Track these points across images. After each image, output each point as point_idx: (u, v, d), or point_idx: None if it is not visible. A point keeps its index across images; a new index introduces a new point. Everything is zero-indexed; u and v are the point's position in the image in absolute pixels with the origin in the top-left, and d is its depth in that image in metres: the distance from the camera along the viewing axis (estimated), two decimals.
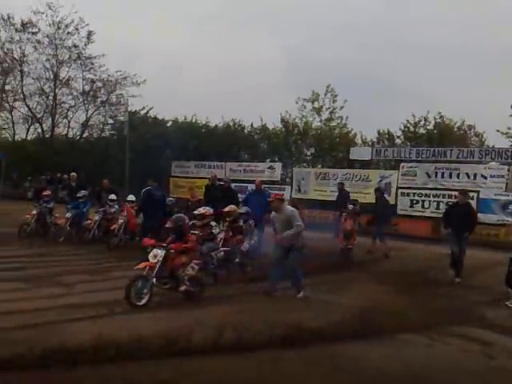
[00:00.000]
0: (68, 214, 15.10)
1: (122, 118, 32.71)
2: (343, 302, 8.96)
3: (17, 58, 33.58)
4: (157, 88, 44.42)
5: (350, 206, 13.81)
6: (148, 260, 8.30)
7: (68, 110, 34.87)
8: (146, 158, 27.52)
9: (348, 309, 8.46)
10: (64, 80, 34.02)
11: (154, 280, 8.13)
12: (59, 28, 32.98)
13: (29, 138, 36.28)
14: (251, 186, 19.92)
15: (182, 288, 8.44)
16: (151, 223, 12.91)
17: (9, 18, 32.54)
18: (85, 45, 33.25)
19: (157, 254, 8.30)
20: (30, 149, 34.32)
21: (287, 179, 26.66)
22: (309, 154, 29.22)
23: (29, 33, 32.92)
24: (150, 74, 55.85)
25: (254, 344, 6.37)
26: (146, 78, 33.46)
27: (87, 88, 34.18)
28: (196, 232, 9.79)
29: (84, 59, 33.47)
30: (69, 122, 35.23)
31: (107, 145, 32.46)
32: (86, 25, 32.78)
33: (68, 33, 33.10)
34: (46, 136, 35.15)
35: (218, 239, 10.94)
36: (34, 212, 15.27)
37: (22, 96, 34.29)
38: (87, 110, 34.69)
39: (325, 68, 44.10)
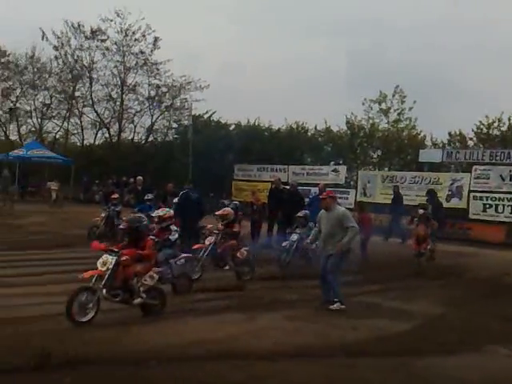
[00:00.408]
0: None
1: (185, 122, 33.44)
2: (414, 310, 8.74)
3: (86, 64, 35.11)
4: (219, 91, 44.97)
5: (421, 211, 13.45)
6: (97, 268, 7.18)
7: (134, 115, 36.05)
8: (209, 161, 27.93)
9: (419, 316, 8.29)
10: (131, 86, 35.20)
11: (104, 291, 7.06)
12: (127, 35, 34.12)
13: (96, 142, 37.83)
14: (314, 190, 19.84)
15: (137, 301, 7.37)
16: (188, 224, 12.90)
17: (79, 26, 34.09)
18: (151, 51, 34.29)
19: (107, 261, 7.13)
20: (97, 153, 35.67)
21: (352, 182, 26.34)
22: (375, 156, 28.75)
23: (98, 40, 34.36)
24: (212, 77, 56.59)
25: (324, 350, 6.32)
26: (209, 82, 34.16)
27: (153, 93, 35.23)
28: (153, 237, 8.41)
29: (150, 65, 34.46)
30: (135, 126, 36.44)
31: (171, 149, 33.21)
32: (153, 31, 33.80)
33: (135, 39, 34.21)
34: (113, 141, 36.41)
35: (207, 243, 10.46)
36: (103, 215, 15.78)
37: (90, 102, 35.82)
38: (152, 115, 35.76)
39: (393, 69, 43.24)
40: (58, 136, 38.47)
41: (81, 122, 36.80)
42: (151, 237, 8.17)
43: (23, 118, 37.49)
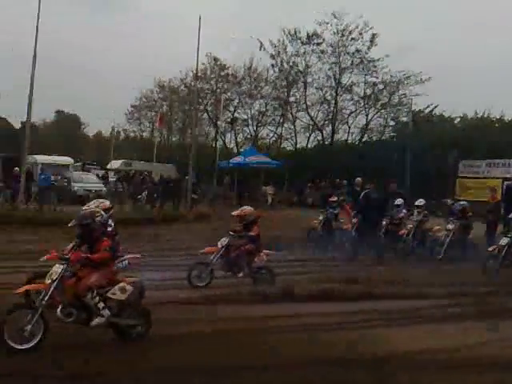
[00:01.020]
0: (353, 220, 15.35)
1: (404, 119, 32.57)
2: None
3: (301, 70, 36.28)
4: (441, 83, 42.67)
5: None
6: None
7: (348, 115, 36.33)
8: (430, 158, 26.75)
9: None
10: (346, 86, 35.42)
11: (59, 310, 5.88)
12: (343, 35, 34.32)
13: (309, 145, 38.91)
14: None
15: (95, 322, 5.99)
16: (368, 224, 13.80)
17: (295, 32, 35.37)
18: (368, 48, 34.14)
19: (53, 272, 5.94)
20: (310, 156, 36.59)
21: None
22: None
23: (313, 44, 35.20)
24: (432, 69, 53.75)
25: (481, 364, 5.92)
26: (430, 75, 32.57)
27: (368, 92, 35.13)
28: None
29: (366, 63, 34.34)
30: (349, 127, 36.76)
31: (387, 147, 32.57)
32: (370, 28, 33.53)
33: (352, 39, 34.27)
34: (326, 143, 37.07)
35: (219, 246, 9.65)
36: (321, 218, 15.95)
37: (304, 106, 36.99)
38: (367, 114, 35.78)
39: None
40: (271, 141, 40.56)
41: (294, 126, 38.31)
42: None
43: (240, 126, 40.37)
